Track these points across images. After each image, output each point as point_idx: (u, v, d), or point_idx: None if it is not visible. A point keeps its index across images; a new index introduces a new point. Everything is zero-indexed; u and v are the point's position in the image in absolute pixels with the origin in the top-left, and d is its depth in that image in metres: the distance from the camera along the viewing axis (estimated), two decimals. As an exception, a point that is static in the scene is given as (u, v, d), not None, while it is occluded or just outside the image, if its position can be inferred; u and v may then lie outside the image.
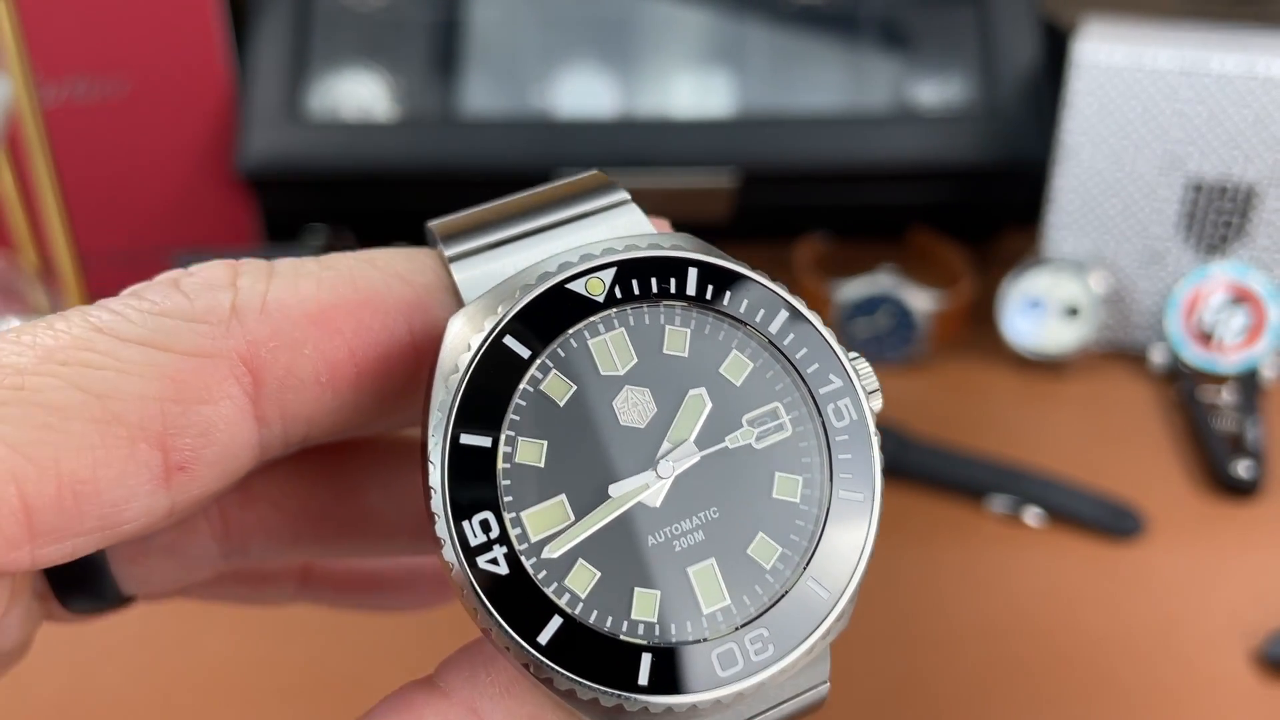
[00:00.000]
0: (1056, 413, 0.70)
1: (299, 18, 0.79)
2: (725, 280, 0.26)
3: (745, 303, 0.26)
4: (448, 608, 0.31)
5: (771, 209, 0.80)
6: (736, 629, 0.25)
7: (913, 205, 0.81)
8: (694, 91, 0.80)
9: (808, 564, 0.25)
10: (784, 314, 0.26)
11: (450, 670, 0.25)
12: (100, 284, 0.72)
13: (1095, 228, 0.72)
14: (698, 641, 0.24)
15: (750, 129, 0.78)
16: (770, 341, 0.26)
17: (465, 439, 0.24)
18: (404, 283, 0.26)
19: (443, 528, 0.24)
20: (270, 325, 0.25)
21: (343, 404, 0.26)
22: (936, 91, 0.79)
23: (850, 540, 0.25)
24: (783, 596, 0.25)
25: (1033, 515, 0.60)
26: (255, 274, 0.26)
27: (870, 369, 0.27)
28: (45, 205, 0.59)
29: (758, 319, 0.26)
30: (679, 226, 0.30)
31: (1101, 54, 0.68)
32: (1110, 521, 0.60)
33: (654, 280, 0.26)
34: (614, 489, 0.25)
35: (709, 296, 0.26)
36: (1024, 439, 0.67)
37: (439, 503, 0.24)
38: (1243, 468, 0.63)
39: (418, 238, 0.94)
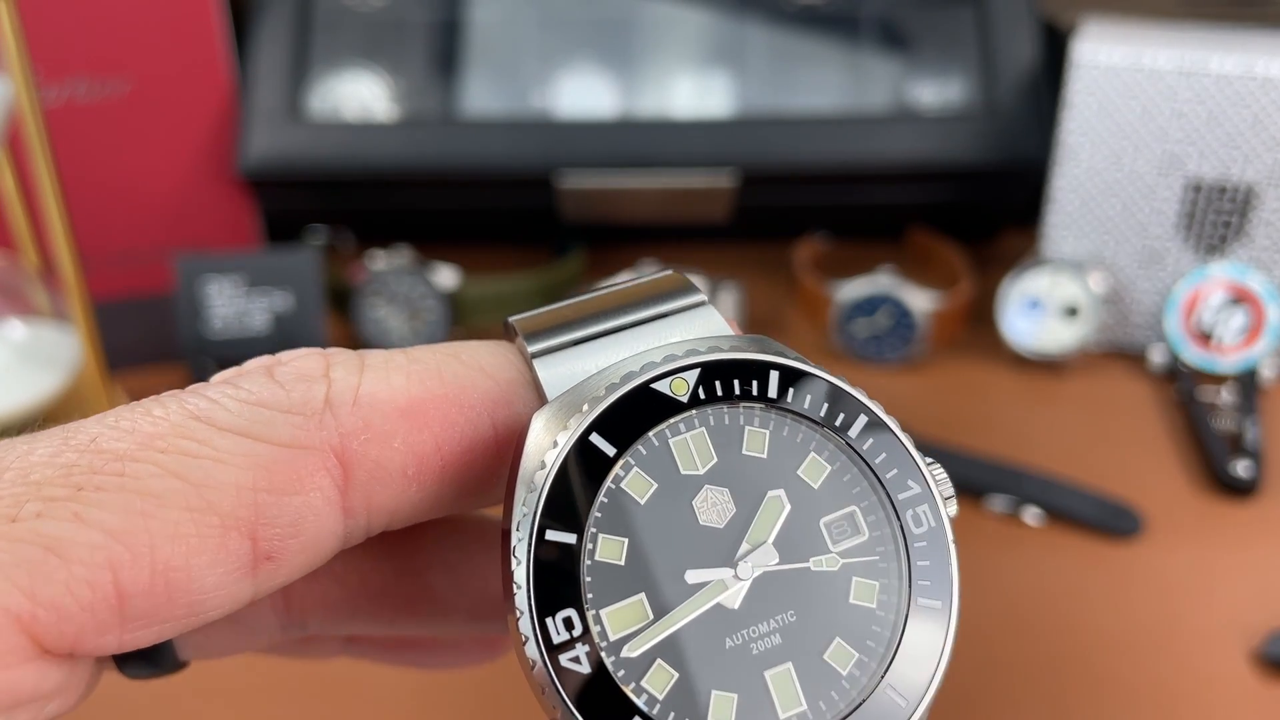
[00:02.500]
0: (1056, 413, 0.70)
1: (299, 18, 0.79)
2: (805, 383, 0.26)
3: (825, 406, 0.26)
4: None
5: (771, 209, 0.80)
6: None
7: (912, 205, 0.81)
8: (694, 92, 0.80)
9: (885, 671, 0.25)
10: (863, 419, 0.26)
11: None
12: (101, 285, 0.72)
13: (1095, 228, 0.72)
14: None
15: (750, 129, 0.78)
16: (849, 445, 0.26)
17: (551, 535, 0.24)
18: (488, 378, 0.27)
19: (527, 625, 0.24)
20: (362, 418, 0.25)
21: (425, 496, 0.26)
22: (936, 91, 0.79)
23: (928, 649, 0.25)
24: (860, 704, 0.25)
25: (1032, 515, 0.60)
26: (347, 366, 0.26)
27: (946, 475, 0.27)
28: (46, 205, 0.60)
29: (837, 423, 0.26)
30: (680, 227, 0.30)
31: (1101, 54, 0.68)
32: (1109, 521, 0.60)
33: (736, 382, 0.26)
34: (690, 575, 0.25)
35: (789, 399, 0.26)
36: (1023, 439, 0.67)
37: (523, 599, 0.24)
38: (1241, 467, 0.63)
39: (418, 238, 0.94)
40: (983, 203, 0.80)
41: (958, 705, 0.50)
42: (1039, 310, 0.72)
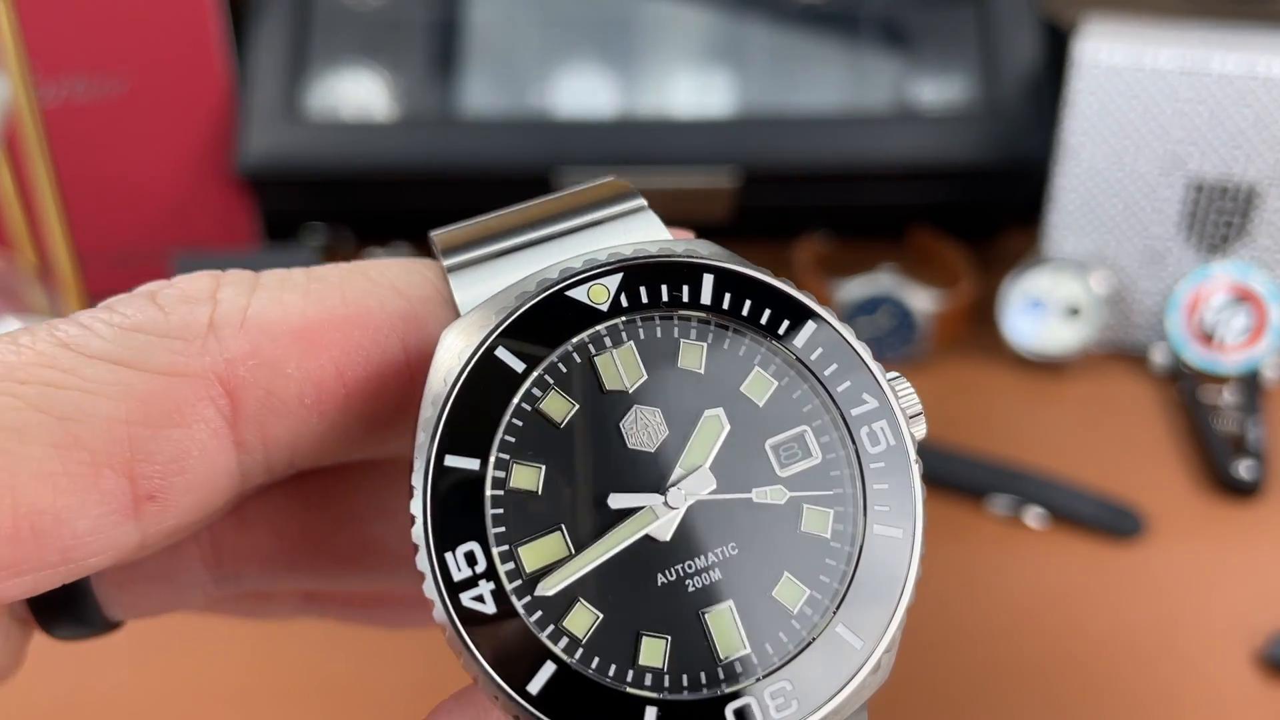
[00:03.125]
0: (1057, 413, 0.70)
1: (298, 17, 0.79)
2: (745, 288, 0.24)
3: (768, 314, 0.24)
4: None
5: (771, 209, 0.80)
6: (756, 681, 0.22)
7: (913, 205, 0.81)
8: (694, 91, 0.79)
9: (839, 608, 0.23)
10: (811, 326, 0.24)
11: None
12: (99, 284, 0.71)
13: (1096, 228, 0.72)
14: (712, 696, 0.22)
15: (750, 129, 0.77)
16: (797, 358, 0.24)
17: (451, 461, 0.22)
18: (398, 296, 0.24)
19: (423, 560, 0.22)
20: (249, 342, 0.23)
21: (331, 427, 0.24)
22: (937, 91, 0.79)
23: (888, 582, 0.23)
24: (809, 645, 0.22)
25: (1034, 516, 0.60)
26: (238, 286, 0.24)
27: (911, 389, 0.25)
28: (44, 205, 0.59)
29: (781, 331, 0.24)
30: (680, 226, 0.29)
31: (1102, 53, 0.68)
32: (1111, 522, 0.60)
33: (664, 288, 0.23)
34: (614, 500, 0.22)
35: (726, 306, 0.23)
36: (1025, 439, 0.66)
37: (419, 531, 0.22)
38: (1244, 468, 0.62)
39: (417, 237, 0.94)
40: (984, 202, 0.80)
41: (959, 706, 0.50)
42: (1040, 310, 0.72)
